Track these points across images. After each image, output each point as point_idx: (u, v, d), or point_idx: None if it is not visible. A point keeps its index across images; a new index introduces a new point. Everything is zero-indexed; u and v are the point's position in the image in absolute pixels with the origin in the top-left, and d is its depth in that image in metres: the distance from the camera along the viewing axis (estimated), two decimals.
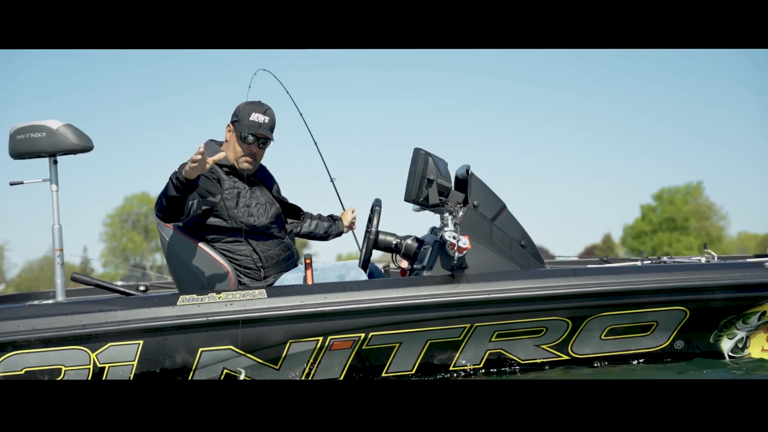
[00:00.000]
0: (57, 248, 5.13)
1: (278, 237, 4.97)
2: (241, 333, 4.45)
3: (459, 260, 4.61)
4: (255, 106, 4.91)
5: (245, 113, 4.88)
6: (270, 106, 4.96)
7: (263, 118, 4.87)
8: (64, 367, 4.47)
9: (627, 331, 4.80)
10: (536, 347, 4.76)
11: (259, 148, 4.91)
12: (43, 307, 4.59)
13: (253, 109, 4.89)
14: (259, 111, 4.88)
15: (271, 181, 5.22)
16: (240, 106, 4.94)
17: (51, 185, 5.17)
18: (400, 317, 4.58)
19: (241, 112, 4.91)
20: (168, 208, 4.45)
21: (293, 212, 5.38)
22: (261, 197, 4.97)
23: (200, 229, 4.83)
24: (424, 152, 4.73)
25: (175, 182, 4.33)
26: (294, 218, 5.41)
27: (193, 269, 4.81)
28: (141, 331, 4.47)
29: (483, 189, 4.95)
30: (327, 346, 4.57)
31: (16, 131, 5.03)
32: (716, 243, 47.99)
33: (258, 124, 4.85)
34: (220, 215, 4.78)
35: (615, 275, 4.76)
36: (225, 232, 4.80)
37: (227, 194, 4.80)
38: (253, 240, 4.84)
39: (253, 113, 4.87)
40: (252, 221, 4.84)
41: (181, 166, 4.36)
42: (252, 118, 4.85)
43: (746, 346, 4.96)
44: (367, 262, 5.08)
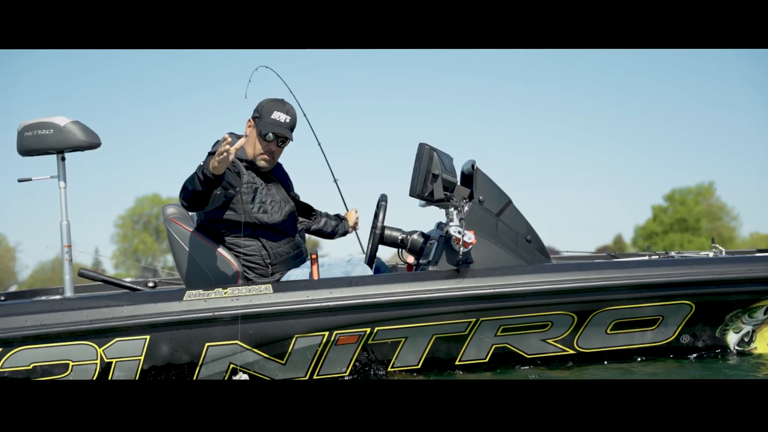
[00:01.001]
0: (65, 245, 5.17)
1: (289, 235, 4.98)
2: (241, 328, 4.47)
3: (464, 255, 4.62)
4: (277, 105, 4.91)
5: (267, 111, 4.88)
6: (291, 105, 4.96)
7: (285, 117, 4.87)
8: (72, 362, 4.50)
9: (633, 325, 4.80)
10: (542, 341, 4.76)
11: (278, 147, 4.91)
12: (50, 303, 4.62)
13: (276, 107, 4.89)
14: (281, 110, 4.88)
15: (287, 180, 5.24)
16: (262, 103, 4.94)
17: (59, 182, 5.21)
18: (406, 312, 4.59)
19: (263, 109, 4.90)
20: (193, 200, 4.47)
21: (306, 211, 5.40)
22: (276, 195, 4.98)
23: (213, 221, 4.84)
24: (429, 147, 4.74)
25: (202, 177, 4.34)
26: (306, 217, 5.42)
27: (201, 265, 4.83)
28: (148, 326, 4.50)
29: (488, 184, 4.95)
30: (333, 341, 4.58)
31: (24, 128, 5.08)
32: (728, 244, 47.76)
33: (279, 123, 4.85)
34: (235, 209, 4.79)
35: (620, 269, 4.76)
36: (236, 226, 4.81)
37: (245, 188, 4.81)
38: (263, 236, 4.86)
39: (275, 111, 4.87)
40: (265, 218, 4.85)
41: (207, 160, 4.38)
42: (273, 117, 4.86)
43: (752, 340, 4.96)
44: (373, 257, 5.09)
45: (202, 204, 4.52)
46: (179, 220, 4.91)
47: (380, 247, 5.16)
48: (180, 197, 4.57)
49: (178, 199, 4.59)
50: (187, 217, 4.98)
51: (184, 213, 4.99)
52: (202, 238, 4.85)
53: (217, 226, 4.83)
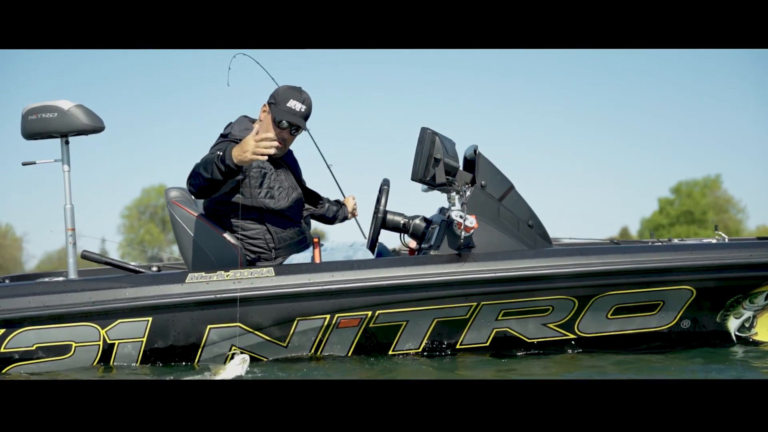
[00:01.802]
0: (69, 228, 5.21)
1: (294, 221, 5.00)
2: (243, 311, 4.49)
3: (466, 239, 4.64)
4: (294, 93, 4.90)
5: (283, 98, 4.88)
6: (308, 94, 4.95)
7: (300, 106, 4.87)
8: (75, 343, 4.53)
9: (633, 310, 4.81)
10: (543, 326, 4.78)
11: (290, 135, 4.91)
12: (53, 284, 4.66)
13: (292, 95, 4.88)
14: (297, 98, 4.87)
15: (296, 166, 5.25)
16: (279, 90, 4.93)
17: (63, 165, 5.25)
18: (407, 296, 4.61)
19: (279, 95, 4.90)
20: (207, 187, 4.49)
21: (312, 199, 5.42)
22: (285, 181, 4.99)
23: (220, 203, 4.84)
24: (431, 131, 4.76)
25: (224, 168, 4.35)
26: (312, 205, 5.44)
27: (203, 248, 4.84)
28: (150, 308, 4.53)
29: (490, 169, 4.96)
30: (334, 324, 4.61)
31: (28, 111, 5.11)
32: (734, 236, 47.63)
33: (294, 112, 4.84)
34: (242, 192, 4.81)
35: (621, 254, 4.77)
36: (242, 210, 4.83)
37: (253, 173, 4.81)
38: (269, 221, 4.87)
39: (291, 99, 4.86)
40: (271, 204, 4.86)
41: (223, 146, 4.38)
42: (289, 105, 4.85)
43: (753, 326, 4.97)
44: (375, 242, 5.11)
45: (213, 192, 4.55)
46: (182, 204, 4.93)
47: (384, 233, 5.18)
48: (188, 183, 4.58)
49: (186, 184, 4.61)
50: (190, 200, 5.00)
51: (187, 196, 5.01)
52: (205, 221, 4.87)
53: (223, 208, 4.85)
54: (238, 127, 4.90)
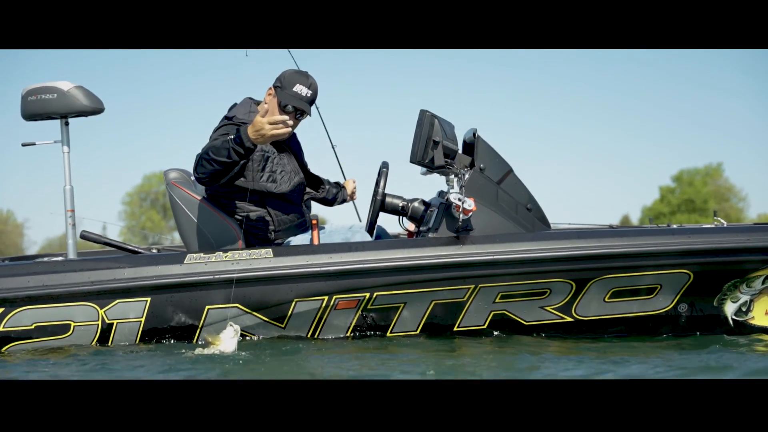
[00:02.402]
0: (69, 209, 5.22)
1: (295, 204, 5.01)
2: (242, 292, 4.51)
3: (464, 222, 4.64)
4: (300, 77, 4.88)
5: (289, 82, 4.86)
6: (314, 79, 4.94)
7: (306, 91, 4.85)
8: (73, 322, 4.55)
9: (630, 293, 4.82)
10: (540, 309, 4.79)
11: (295, 119, 4.89)
12: (52, 264, 4.68)
13: (298, 80, 4.87)
14: (303, 83, 4.86)
15: (300, 150, 5.25)
16: (286, 74, 4.91)
17: (62, 147, 5.26)
18: (405, 278, 4.62)
19: (285, 80, 4.88)
20: (220, 172, 4.49)
21: (314, 183, 5.42)
22: (287, 165, 5.00)
23: (222, 185, 4.84)
24: (430, 114, 4.76)
25: (242, 150, 4.36)
26: (314, 189, 5.45)
27: (202, 229, 4.86)
28: (148, 288, 4.55)
29: (490, 152, 4.96)
30: (332, 306, 4.62)
31: (27, 92, 5.12)
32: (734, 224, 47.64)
33: (300, 96, 4.83)
34: (244, 175, 4.81)
35: (618, 238, 4.78)
36: (242, 192, 4.84)
37: (256, 156, 4.80)
38: (270, 204, 4.88)
39: (298, 84, 4.85)
40: (272, 188, 4.87)
41: (242, 131, 4.36)
42: (295, 89, 4.83)
43: (750, 310, 4.97)
44: (374, 224, 5.11)
45: (223, 177, 4.55)
46: (182, 185, 4.94)
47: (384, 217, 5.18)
48: (197, 172, 4.58)
49: (193, 173, 4.61)
50: (189, 182, 5.01)
51: (187, 177, 5.02)
52: (205, 203, 4.88)
53: (224, 190, 4.84)
54: (243, 109, 4.90)
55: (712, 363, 3.92)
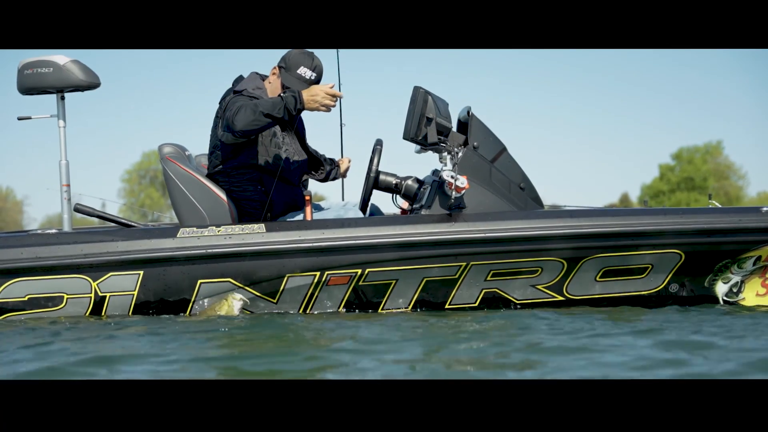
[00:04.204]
0: (64, 183, 5.22)
1: (293, 184, 5.01)
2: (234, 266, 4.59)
3: (457, 200, 4.66)
4: (305, 59, 4.87)
5: (294, 64, 4.85)
6: (320, 60, 4.93)
7: (310, 74, 4.85)
8: (66, 294, 4.58)
9: (622, 273, 4.84)
10: (532, 287, 4.81)
11: None
12: (46, 236, 4.70)
13: (303, 62, 4.86)
14: (308, 65, 4.85)
15: (303, 130, 5.25)
16: (291, 55, 4.90)
17: (58, 121, 5.25)
18: (397, 254, 4.65)
19: (290, 60, 4.87)
20: (263, 126, 4.59)
21: (314, 164, 5.40)
22: (291, 144, 5.01)
23: (223, 160, 4.85)
24: (424, 91, 4.76)
25: (292, 108, 4.51)
26: (313, 170, 5.44)
27: (195, 203, 4.85)
28: (141, 261, 4.57)
29: (483, 130, 4.97)
30: (324, 281, 4.65)
31: (24, 66, 5.11)
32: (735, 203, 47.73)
33: (304, 80, 4.83)
34: (250, 150, 4.83)
35: (610, 217, 4.80)
36: (244, 168, 4.85)
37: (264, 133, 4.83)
38: (267, 184, 4.88)
39: (302, 67, 4.84)
40: (273, 168, 4.87)
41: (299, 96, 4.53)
42: (299, 72, 4.83)
43: (741, 291, 4.99)
44: (367, 202, 5.11)
45: (258, 130, 4.64)
46: (176, 159, 4.94)
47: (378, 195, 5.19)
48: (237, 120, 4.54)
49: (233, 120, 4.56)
50: (183, 156, 5.01)
51: (181, 152, 5.02)
52: (198, 177, 4.88)
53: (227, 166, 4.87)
54: (251, 84, 4.86)
55: None
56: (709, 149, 51.01)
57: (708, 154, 50.79)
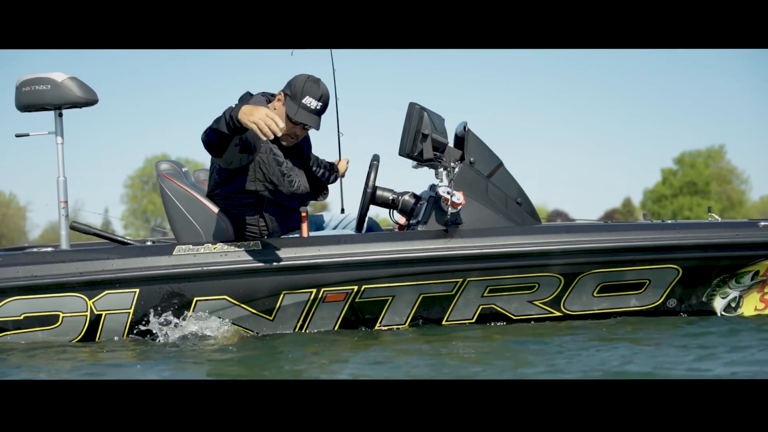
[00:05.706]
0: (62, 200, 5.24)
1: (293, 209, 4.90)
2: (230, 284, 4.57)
3: (453, 215, 4.65)
4: (312, 88, 4.62)
5: (300, 92, 4.61)
6: (327, 88, 4.71)
7: (316, 104, 4.61)
8: (62, 313, 4.57)
9: (619, 288, 4.83)
10: (529, 303, 4.80)
11: (303, 129, 4.73)
12: (42, 255, 4.70)
13: (309, 91, 4.61)
14: (314, 95, 4.61)
15: (308, 151, 5.08)
16: (297, 81, 4.66)
17: (56, 137, 5.27)
18: (393, 271, 4.64)
19: (296, 88, 4.63)
20: (217, 143, 4.32)
21: (318, 188, 5.19)
22: (294, 170, 4.83)
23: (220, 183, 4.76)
24: (419, 107, 4.75)
25: (230, 122, 4.16)
26: (317, 193, 5.21)
27: (192, 221, 4.83)
28: (137, 279, 4.56)
29: (480, 146, 4.97)
30: (320, 298, 4.64)
31: (21, 83, 5.13)
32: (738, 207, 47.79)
33: (309, 109, 4.61)
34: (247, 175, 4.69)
35: (607, 233, 4.79)
36: (242, 193, 4.73)
37: (263, 157, 4.67)
38: (267, 209, 4.78)
39: (308, 96, 4.60)
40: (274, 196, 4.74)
41: (238, 108, 4.15)
42: (305, 101, 4.60)
43: (739, 306, 4.98)
44: (364, 217, 5.08)
45: (220, 150, 4.38)
46: (172, 176, 4.93)
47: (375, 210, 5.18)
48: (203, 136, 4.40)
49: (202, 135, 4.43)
50: (180, 173, 5.01)
51: (177, 169, 5.02)
52: (195, 195, 4.85)
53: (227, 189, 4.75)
54: (254, 103, 4.72)
55: None
56: (711, 153, 50.99)
57: (710, 158, 50.76)
